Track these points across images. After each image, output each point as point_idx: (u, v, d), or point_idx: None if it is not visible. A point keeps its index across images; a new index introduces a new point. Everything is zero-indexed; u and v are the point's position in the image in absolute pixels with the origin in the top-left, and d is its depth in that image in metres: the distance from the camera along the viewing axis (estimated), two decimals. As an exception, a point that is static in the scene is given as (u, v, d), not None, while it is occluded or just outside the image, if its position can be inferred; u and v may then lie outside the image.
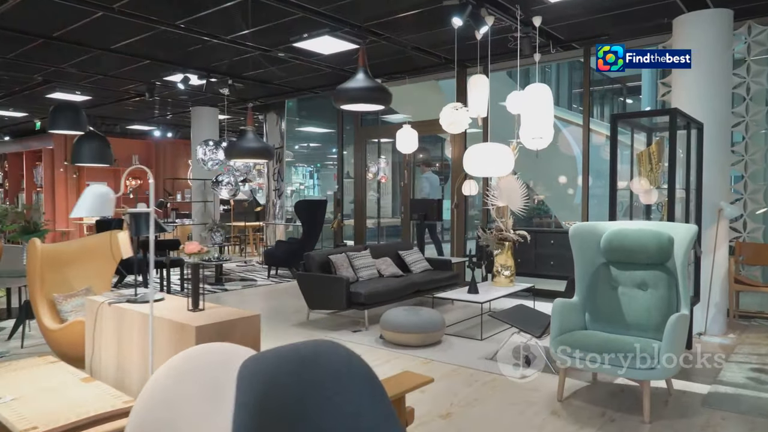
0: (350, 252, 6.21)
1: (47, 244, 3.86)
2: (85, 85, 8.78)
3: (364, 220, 9.61)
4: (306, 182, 20.81)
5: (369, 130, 9.67)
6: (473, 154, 5.23)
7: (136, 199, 14.48)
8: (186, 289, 7.72)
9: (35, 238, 3.60)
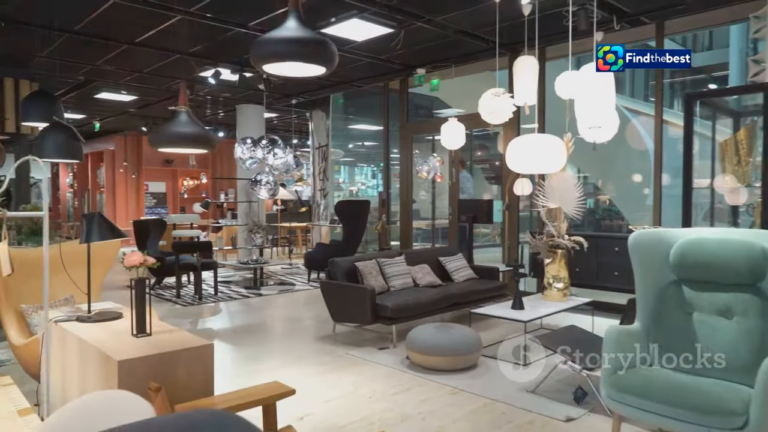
0: (382, 258, 5.59)
1: (20, 249, 3.52)
2: (127, 83, 8.67)
3: (410, 221, 8.95)
4: (368, 182, 20.38)
5: (416, 126, 9.00)
6: (517, 148, 4.48)
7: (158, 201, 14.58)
8: (205, 296, 7.39)
9: (0, 243, 3.26)
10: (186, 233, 9.35)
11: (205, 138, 2.39)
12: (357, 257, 5.50)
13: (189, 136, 2.36)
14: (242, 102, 10.27)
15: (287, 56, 2.87)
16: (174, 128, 2.38)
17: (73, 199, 17.35)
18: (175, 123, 2.40)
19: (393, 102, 9.12)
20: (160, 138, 2.32)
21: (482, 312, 4.72)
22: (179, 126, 2.37)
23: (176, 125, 2.39)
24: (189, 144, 2.38)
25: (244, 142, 8.39)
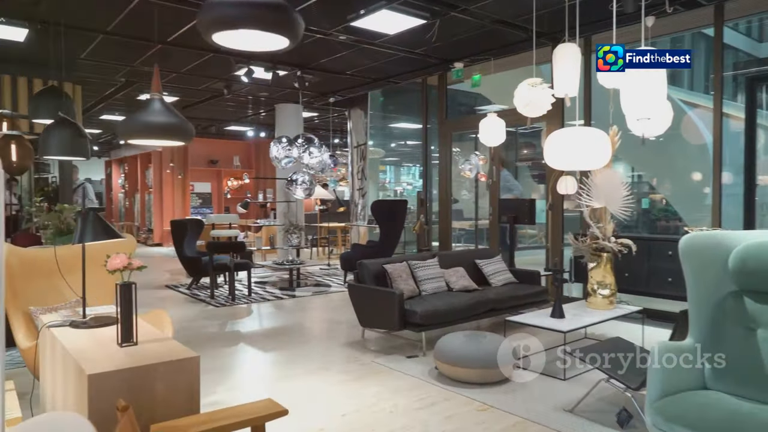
0: (413, 261, 5.31)
1: (32, 249, 3.47)
2: (166, 84, 8.72)
3: (449, 222, 8.63)
4: (416, 182, 20.07)
5: (455, 123, 8.67)
6: (556, 142, 4.10)
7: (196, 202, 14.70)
8: (239, 297, 7.30)
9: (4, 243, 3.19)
10: (224, 233, 9.36)
11: (180, 128, 2.16)
12: (386, 259, 5.25)
13: (161, 125, 2.14)
14: (281, 101, 10.21)
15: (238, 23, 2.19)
16: (145, 117, 2.16)
17: (125, 200, 17.87)
18: (147, 112, 2.18)
19: (433, 99, 8.82)
20: (130, 128, 2.10)
21: (518, 320, 4.37)
22: (151, 115, 2.15)
23: (148, 114, 2.17)
24: (162, 134, 2.15)
25: (279, 142, 8.28)
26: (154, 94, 2.15)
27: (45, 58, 7.15)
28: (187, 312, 6.51)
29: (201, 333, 5.55)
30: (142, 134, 2.19)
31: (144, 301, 7.21)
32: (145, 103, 2.16)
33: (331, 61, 7.34)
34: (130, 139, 2.29)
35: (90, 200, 10.25)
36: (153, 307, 6.86)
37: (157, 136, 2.18)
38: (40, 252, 3.64)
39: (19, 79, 7.42)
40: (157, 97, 2.16)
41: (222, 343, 5.13)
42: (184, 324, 5.91)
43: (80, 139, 3.29)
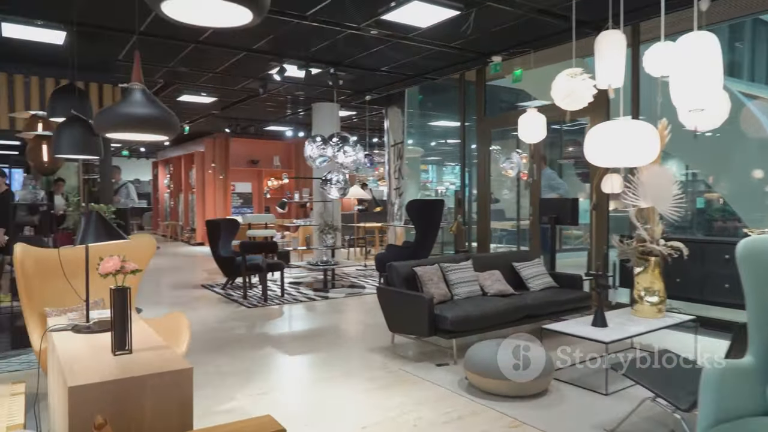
0: (446, 263, 5.07)
1: (46, 249, 3.42)
2: (203, 85, 8.76)
3: (488, 222, 8.32)
4: (458, 181, 19.74)
5: (494, 119, 8.34)
6: (598, 136, 3.79)
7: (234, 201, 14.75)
8: (272, 298, 7.20)
9: (18, 243, 3.15)
10: (260, 233, 9.34)
11: (162, 121, 1.98)
12: (417, 262, 5.02)
13: (141, 118, 1.96)
14: (317, 100, 10.12)
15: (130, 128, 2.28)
16: (123, 109, 1.98)
17: (170, 200, 18.27)
18: (127, 103, 1.99)
19: (471, 96, 8.53)
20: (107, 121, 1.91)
21: (556, 329, 4.07)
22: (132, 106, 1.96)
23: (128, 105, 1.98)
24: (141, 128, 1.96)
25: (314, 140, 8.17)
26: (134, 84, 1.98)
27: (84, 61, 7.29)
28: (219, 312, 6.46)
29: (229, 334, 5.47)
30: (119, 128, 2.02)
31: (177, 301, 7.25)
32: (124, 94, 2.00)
33: (364, 58, 7.17)
34: (107, 132, 2.13)
35: (132, 200, 10.44)
36: (186, 307, 6.90)
37: (137, 130, 2.01)
38: (50, 252, 3.60)
39: (61, 81, 7.57)
40: (137, 87, 1.99)
41: (248, 346, 5.02)
42: (214, 325, 5.86)
43: (93, 138, 3.21)
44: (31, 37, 6.16)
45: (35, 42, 6.30)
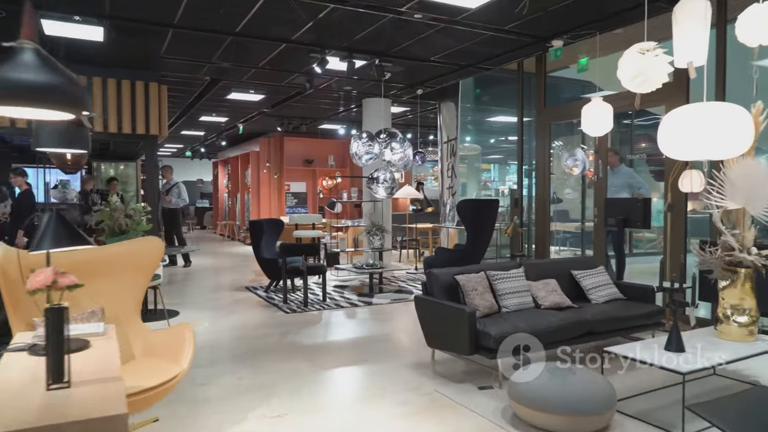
0: (493, 271, 4.50)
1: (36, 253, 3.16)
2: (249, 81, 8.55)
3: (547, 224, 7.62)
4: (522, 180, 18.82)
5: (555, 111, 7.63)
6: (674, 123, 3.13)
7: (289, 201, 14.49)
8: (313, 302, 6.82)
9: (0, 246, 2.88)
10: (307, 234, 9.04)
11: (59, 90, 1.47)
12: (460, 269, 4.48)
13: (30, 85, 1.43)
14: (368, 95, 9.72)
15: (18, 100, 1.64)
16: (7, 73, 1.45)
17: (228, 199, 18.47)
18: (12, 66, 1.46)
19: (531, 88, 7.87)
20: None
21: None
22: (18, 70, 1.43)
23: (12, 69, 1.45)
24: (29, 99, 1.47)
25: (359, 137, 7.76)
26: (23, 42, 1.50)
27: (126, 58, 7.22)
28: (255, 317, 6.17)
29: (259, 343, 5.13)
30: (1, 98, 1.55)
31: (216, 304, 7.03)
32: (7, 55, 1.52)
33: (411, 46, 6.68)
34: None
35: (183, 199, 10.43)
36: (223, 311, 6.64)
37: (25, 101, 1.55)
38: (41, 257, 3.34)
39: (109, 81, 7.55)
40: (28, 46, 1.52)
41: (276, 357, 4.66)
42: (246, 332, 5.55)
43: (79, 129, 2.91)
44: (71, 34, 6.09)
45: (77, 39, 6.24)
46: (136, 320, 3.30)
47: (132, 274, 3.31)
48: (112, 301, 3.21)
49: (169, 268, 10.33)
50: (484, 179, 15.62)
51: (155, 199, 8.14)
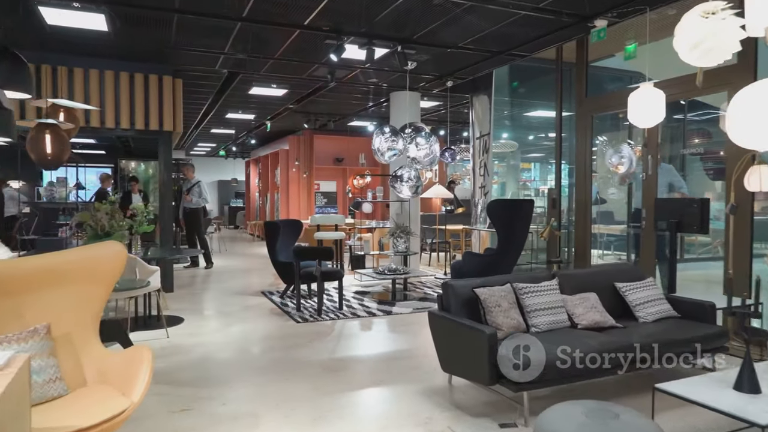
0: (521, 283, 3.86)
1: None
2: (268, 75, 8.11)
3: (588, 227, 6.88)
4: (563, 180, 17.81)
5: (598, 101, 6.87)
6: (745, 103, 2.44)
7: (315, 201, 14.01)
8: (328, 310, 6.28)
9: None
10: (329, 236, 8.55)
11: None
12: (482, 280, 3.85)
13: None
14: (396, 88, 9.16)
15: None
16: None
17: (259, 199, 18.23)
18: None
19: (573, 80, 7.15)
20: None
21: (675, 392, 2.75)
22: None
23: None
24: None
25: (382, 132, 7.18)
26: None
27: (136, 49, 6.87)
28: (263, 327, 5.69)
29: (258, 359, 4.64)
30: None
31: (226, 309, 6.57)
32: None
33: (437, 30, 6.07)
34: None
35: (204, 199, 10.11)
36: (231, 318, 6.16)
37: None
38: (9, 264, 2.91)
39: (121, 74, 7.23)
40: None
41: (272, 376, 4.14)
42: (248, 344, 5.07)
43: (19, 68, 2.43)
44: (74, 24, 5.76)
45: (83, 30, 5.92)
46: (91, 339, 2.83)
47: (87, 285, 2.84)
48: (62, 316, 2.76)
49: (190, 269, 10.03)
50: (523, 179, 14.81)
51: (169, 198, 7.80)
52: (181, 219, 10.42)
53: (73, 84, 6.97)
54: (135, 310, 5.87)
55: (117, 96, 7.23)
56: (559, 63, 7.23)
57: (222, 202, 23.64)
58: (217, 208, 23.88)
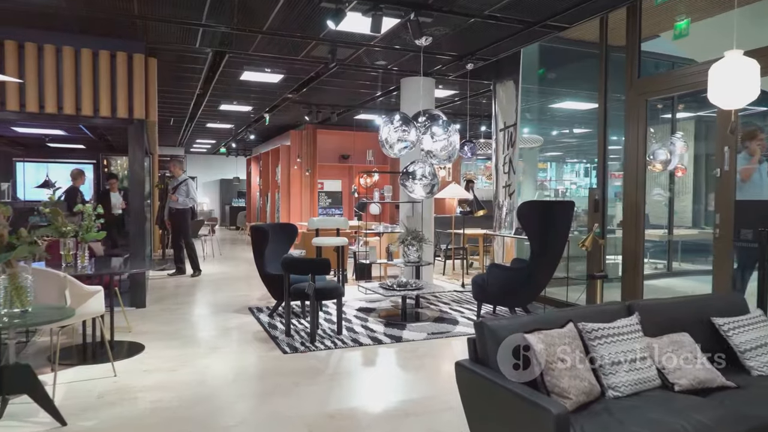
0: (590, 324, 2.67)
1: None
2: (259, 56, 6.97)
3: (641, 235, 5.68)
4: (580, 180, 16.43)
5: (655, 80, 5.65)
6: None
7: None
8: (324, 335, 5.10)
9: None
10: (329, 242, 7.40)
11: None
12: (533, 319, 2.67)
13: None
14: (407, 73, 7.99)
15: None
16: None
17: (260, 199, 17.14)
18: None
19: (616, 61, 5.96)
20: None
21: None
22: None
23: None
24: None
25: (390, 121, 6.00)
26: None
27: (99, 21, 5.75)
28: (241, 360, 4.54)
29: (223, 411, 3.48)
30: None
31: (201, 332, 5.37)
32: None
33: (457, -4, 4.91)
34: None
35: (192, 199, 8.99)
36: (203, 346, 4.97)
37: None
38: None
39: (83, 51, 6.12)
40: None
41: (237, 446, 2.99)
42: (210, 390, 3.92)
43: None
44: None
45: None
46: None
47: None
48: None
49: (175, 277, 8.93)
50: (539, 179, 13.56)
51: (140, 199, 6.67)
52: (166, 220, 9.33)
53: (24, 61, 5.87)
54: (83, 336, 4.75)
55: (78, 76, 6.13)
56: (604, 35, 6.03)
57: (223, 202, 22.60)
58: (218, 208, 22.84)
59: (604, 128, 6.12)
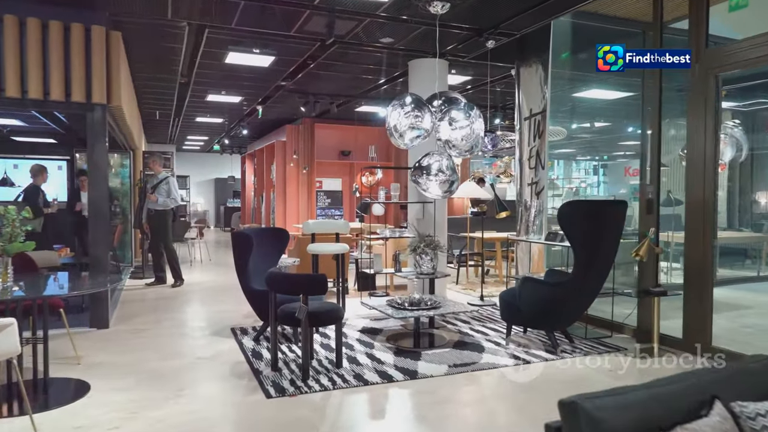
0: (750, 405, 1.61)
1: None
2: (243, 30, 5.92)
3: (709, 242, 4.62)
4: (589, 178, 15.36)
5: (732, 52, 4.57)
6: None
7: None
8: (321, 370, 4.03)
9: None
10: (327, 249, 6.32)
11: None
12: (647, 394, 1.62)
13: None
14: (416, 53, 6.93)
15: None
16: None
17: (254, 199, 16.10)
18: None
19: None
20: None
21: None
22: None
23: None
24: None
25: (401, 104, 4.95)
26: None
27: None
28: (210, 409, 3.48)
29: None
30: None
31: (167, 367, 3.53)
32: None
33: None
34: None
35: (173, 199, 7.93)
36: (167, 389, 3.76)
37: None
38: None
39: (29, 21, 5.08)
40: None
41: None
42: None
43: None
44: None
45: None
46: None
47: None
48: None
49: (154, 287, 7.88)
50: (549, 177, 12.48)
51: (104, 201, 5.62)
52: (144, 223, 8.28)
53: (-46, 32, 4.83)
54: (7, 376, 3.70)
55: (23, 51, 5.08)
56: (659, 4, 4.96)
57: (218, 202, 21.56)
58: (213, 208, 21.81)
59: (659, 114, 5.05)
